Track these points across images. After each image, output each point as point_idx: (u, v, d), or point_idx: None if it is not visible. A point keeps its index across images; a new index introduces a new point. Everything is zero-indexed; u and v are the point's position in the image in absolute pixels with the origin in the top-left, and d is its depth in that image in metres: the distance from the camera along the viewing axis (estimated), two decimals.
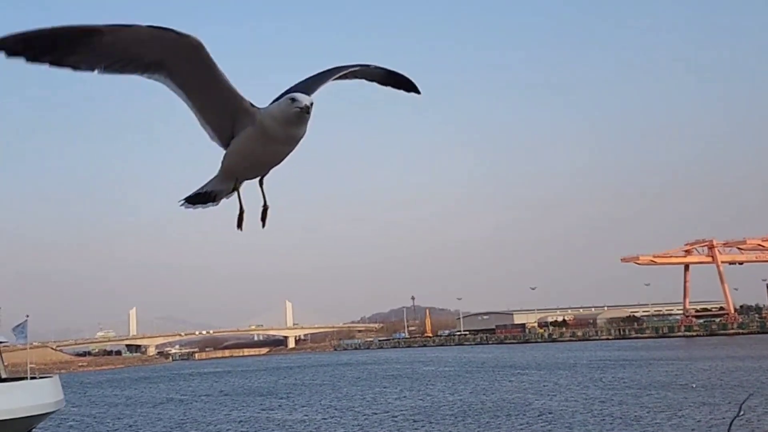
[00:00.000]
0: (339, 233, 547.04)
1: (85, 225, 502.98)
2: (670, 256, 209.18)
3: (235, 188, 5.91)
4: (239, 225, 5.98)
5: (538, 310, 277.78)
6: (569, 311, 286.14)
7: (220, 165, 5.78)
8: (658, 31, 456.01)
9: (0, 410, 29.66)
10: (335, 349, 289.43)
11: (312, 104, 5.31)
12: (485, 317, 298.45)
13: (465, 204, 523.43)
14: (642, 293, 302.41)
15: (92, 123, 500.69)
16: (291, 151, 5.62)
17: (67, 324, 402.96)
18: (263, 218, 6.04)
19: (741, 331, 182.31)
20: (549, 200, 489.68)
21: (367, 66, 6.56)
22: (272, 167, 5.78)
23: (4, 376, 34.46)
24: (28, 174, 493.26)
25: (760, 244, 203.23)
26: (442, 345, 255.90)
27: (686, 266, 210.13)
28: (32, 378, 33.67)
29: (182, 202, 6.00)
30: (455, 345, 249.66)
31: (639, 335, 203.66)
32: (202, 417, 55.84)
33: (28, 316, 36.32)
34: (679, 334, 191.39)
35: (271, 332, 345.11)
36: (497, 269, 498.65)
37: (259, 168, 5.78)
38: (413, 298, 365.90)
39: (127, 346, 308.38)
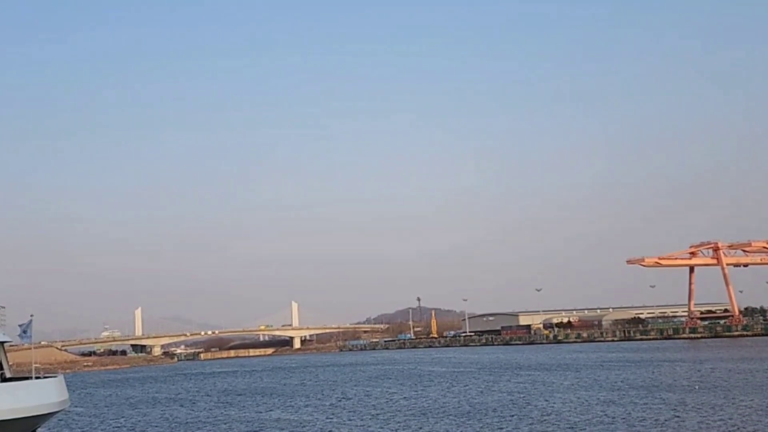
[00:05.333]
0: (345, 234, 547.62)
1: (89, 225, 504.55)
2: (675, 258, 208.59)
3: None
4: None
5: (543, 311, 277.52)
6: (574, 313, 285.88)
7: None
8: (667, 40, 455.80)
9: (4, 410, 29.74)
10: (340, 350, 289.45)
11: None
12: (491, 318, 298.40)
13: (471, 206, 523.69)
14: (647, 295, 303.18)
15: (89, 127, 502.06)
16: None
17: (73, 324, 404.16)
18: None
19: (746, 333, 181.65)
20: (554, 203, 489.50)
21: None
22: None
23: (8, 375, 34.52)
24: (28, 174, 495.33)
25: (765, 247, 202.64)
26: (447, 346, 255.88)
27: (691, 268, 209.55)
28: (37, 378, 33.70)
29: None
30: (461, 346, 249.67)
31: (644, 337, 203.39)
32: (207, 417, 55.94)
33: (32, 315, 36.34)
34: (684, 336, 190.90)
35: (277, 333, 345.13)
36: (503, 271, 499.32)
37: None
38: (419, 299, 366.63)
39: (132, 346, 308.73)
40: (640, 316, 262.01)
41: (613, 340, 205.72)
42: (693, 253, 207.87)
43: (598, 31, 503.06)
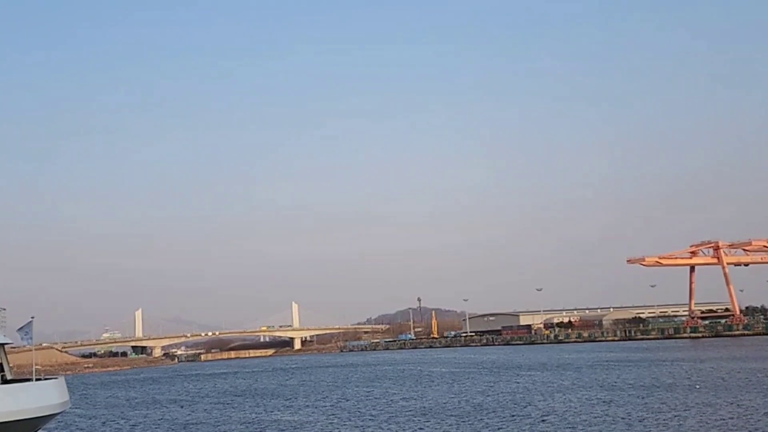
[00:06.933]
0: (346, 234, 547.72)
1: (89, 226, 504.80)
2: (676, 258, 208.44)
3: None
4: None
5: (544, 311, 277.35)
6: (575, 312, 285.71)
7: None
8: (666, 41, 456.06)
9: (5, 411, 29.75)
10: (341, 351, 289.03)
11: None
12: (491, 318, 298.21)
13: (471, 206, 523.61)
14: (648, 295, 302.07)
15: (93, 128, 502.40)
16: None
17: (74, 325, 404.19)
18: None
19: (746, 332, 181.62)
20: (554, 202, 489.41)
21: None
22: None
23: (9, 377, 34.51)
24: (30, 176, 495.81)
25: (765, 246, 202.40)
26: (448, 346, 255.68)
27: (692, 267, 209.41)
28: (37, 379, 33.68)
29: None
30: (461, 346, 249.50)
31: (645, 336, 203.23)
32: (207, 418, 55.94)
33: (33, 317, 36.32)
34: (685, 335, 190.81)
35: (278, 333, 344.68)
36: (503, 270, 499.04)
37: None
38: (419, 300, 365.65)
39: (132, 347, 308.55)
40: (641, 315, 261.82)
41: (613, 340, 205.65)
42: (693, 253, 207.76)
43: (602, 30, 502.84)
